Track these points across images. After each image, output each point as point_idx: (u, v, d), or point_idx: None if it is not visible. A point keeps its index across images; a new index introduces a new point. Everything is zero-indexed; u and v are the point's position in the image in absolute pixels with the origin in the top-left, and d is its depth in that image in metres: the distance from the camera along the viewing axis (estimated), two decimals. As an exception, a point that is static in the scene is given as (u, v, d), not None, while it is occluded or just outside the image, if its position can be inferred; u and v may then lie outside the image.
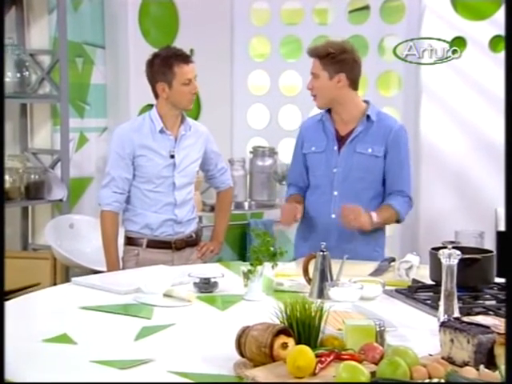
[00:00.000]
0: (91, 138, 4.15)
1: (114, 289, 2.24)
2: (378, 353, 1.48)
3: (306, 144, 2.81)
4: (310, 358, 1.43)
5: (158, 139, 2.77)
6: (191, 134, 2.85)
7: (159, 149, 2.77)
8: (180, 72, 2.71)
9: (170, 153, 2.77)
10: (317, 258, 2.20)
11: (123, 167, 2.77)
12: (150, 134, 2.78)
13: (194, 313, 2.05)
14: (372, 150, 2.72)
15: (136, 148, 2.76)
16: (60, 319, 1.95)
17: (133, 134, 2.78)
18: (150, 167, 2.77)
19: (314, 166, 2.79)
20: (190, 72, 2.74)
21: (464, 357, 1.47)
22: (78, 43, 4.04)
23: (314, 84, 2.71)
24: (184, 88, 2.73)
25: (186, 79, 2.72)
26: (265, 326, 1.55)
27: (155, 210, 2.80)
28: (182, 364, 1.59)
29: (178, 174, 2.81)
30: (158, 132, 2.78)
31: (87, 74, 4.11)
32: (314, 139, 2.79)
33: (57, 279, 3.84)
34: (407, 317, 1.97)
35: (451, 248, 1.77)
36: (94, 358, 1.61)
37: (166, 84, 2.74)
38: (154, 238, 2.81)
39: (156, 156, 2.77)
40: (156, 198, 2.80)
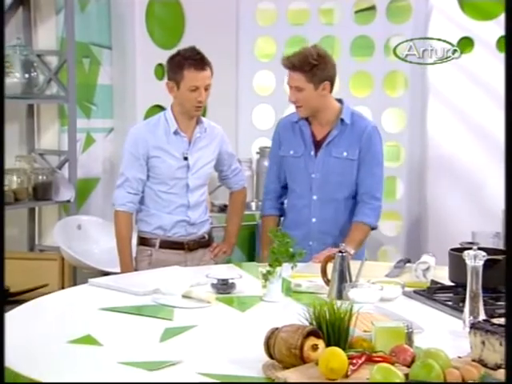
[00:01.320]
0: (98, 138, 4.14)
1: (131, 290, 2.24)
2: (409, 355, 1.48)
3: (284, 146, 2.85)
4: (343, 360, 1.43)
5: (172, 140, 2.76)
6: (206, 136, 2.83)
7: (173, 150, 2.76)
8: (188, 76, 2.68)
9: (183, 155, 2.76)
10: (336, 259, 2.20)
11: (137, 168, 2.76)
12: (164, 135, 2.77)
13: (215, 314, 2.05)
14: (347, 153, 2.78)
15: (150, 149, 2.75)
16: (81, 320, 1.95)
17: (147, 134, 2.77)
18: (164, 168, 2.76)
19: (292, 170, 2.84)
20: (198, 79, 2.68)
21: (496, 359, 1.47)
22: (84, 44, 4.03)
23: (299, 96, 2.72)
24: (190, 94, 2.69)
25: (193, 85, 2.68)
26: (294, 327, 1.55)
27: (169, 212, 2.79)
28: (211, 366, 1.59)
29: (192, 175, 2.80)
30: (173, 133, 2.77)
31: (94, 74, 4.10)
32: (292, 142, 2.83)
33: (65, 280, 3.83)
34: (429, 318, 1.97)
35: (476, 249, 1.77)
36: (122, 360, 1.61)
37: (175, 84, 2.72)
38: (166, 238, 2.80)
39: (169, 157, 2.76)
40: (169, 199, 2.79)
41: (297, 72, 2.69)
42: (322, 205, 2.79)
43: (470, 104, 4.06)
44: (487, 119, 4.05)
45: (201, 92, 2.69)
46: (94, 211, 4.08)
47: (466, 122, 4.06)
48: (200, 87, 2.68)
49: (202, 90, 2.69)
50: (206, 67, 2.70)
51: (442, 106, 4.11)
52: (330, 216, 2.80)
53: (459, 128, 4.07)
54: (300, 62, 2.68)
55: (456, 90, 4.08)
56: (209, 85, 2.72)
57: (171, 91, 2.75)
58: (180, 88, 2.70)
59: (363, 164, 2.79)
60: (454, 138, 4.08)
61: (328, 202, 2.79)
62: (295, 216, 2.84)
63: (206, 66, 2.70)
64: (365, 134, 2.79)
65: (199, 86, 2.68)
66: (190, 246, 2.82)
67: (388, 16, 4.33)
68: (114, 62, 4.16)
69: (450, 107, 4.09)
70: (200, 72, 2.68)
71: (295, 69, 2.69)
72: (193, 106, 2.72)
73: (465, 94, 4.06)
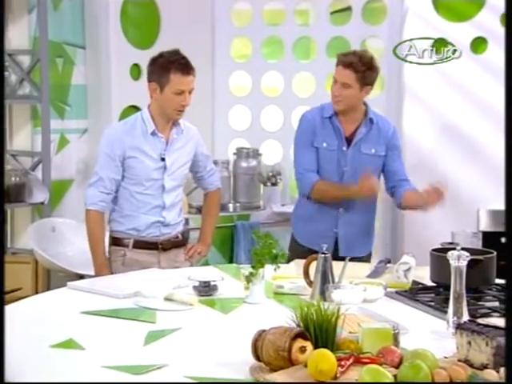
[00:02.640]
0: (72, 139, 4.10)
1: (111, 293, 2.22)
2: (396, 356, 1.50)
3: (317, 138, 2.95)
4: (331, 362, 1.43)
5: (149, 141, 2.75)
6: (182, 137, 2.83)
7: (150, 151, 2.74)
8: (174, 80, 2.66)
9: (160, 155, 2.74)
10: (318, 260, 2.21)
11: (112, 168, 2.73)
12: (141, 135, 2.74)
13: (198, 317, 2.04)
14: (375, 150, 2.95)
15: (127, 149, 2.72)
16: (63, 324, 1.93)
17: (124, 135, 2.75)
18: (140, 169, 2.74)
19: (325, 162, 2.95)
20: (184, 83, 2.67)
21: (483, 359, 1.49)
22: (58, 43, 3.99)
23: (344, 92, 2.87)
24: (174, 97, 2.68)
25: (179, 89, 2.66)
26: (282, 329, 1.55)
27: (144, 212, 2.77)
28: (197, 369, 1.58)
29: (168, 176, 2.78)
30: (150, 134, 2.75)
31: (67, 74, 4.06)
32: (325, 136, 2.95)
33: (38, 283, 3.78)
34: (412, 319, 1.99)
35: (459, 249, 1.79)
36: (106, 364, 1.59)
37: (159, 86, 2.71)
38: (140, 238, 2.78)
39: (147, 158, 2.74)
40: (145, 200, 2.77)
41: (350, 70, 2.83)
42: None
43: (445, 104, 4.12)
44: (462, 119, 4.11)
45: (185, 96, 2.69)
46: (68, 213, 4.03)
47: (442, 122, 4.12)
48: (185, 91, 2.68)
49: (187, 93, 2.69)
50: (191, 71, 2.69)
51: (418, 107, 4.16)
52: (357, 208, 2.94)
53: (435, 128, 4.12)
54: (356, 62, 2.84)
55: (431, 90, 4.13)
56: (192, 89, 2.72)
57: (153, 93, 2.73)
58: (164, 91, 2.68)
59: (393, 157, 2.99)
60: (429, 138, 4.14)
61: None
62: (323, 204, 2.94)
63: (191, 70, 2.70)
64: (390, 132, 3.00)
65: (184, 90, 2.68)
66: (163, 246, 2.80)
67: (363, 17, 4.37)
68: (88, 62, 4.12)
69: (426, 107, 4.15)
70: (186, 76, 2.67)
71: (349, 66, 2.84)
72: (175, 109, 2.71)
73: (440, 95, 4.12)
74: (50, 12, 3.86)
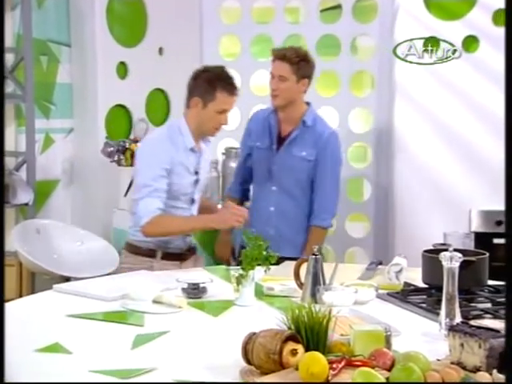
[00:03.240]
0: (57, 139, 4.08)
1: (99, 295, 2.22)
2: (388, 358, 1.50)
3: (253, 136, 3.11)
4: (323, 365, 1.44)
5: (188, 155, 2.75)
6: (207, 145, 2.90)
7: (189, 165, 2.76)
8: (220, 98, 2.66)
9: (195, 169, 2.77)
10: (309, 262, 2.21)
11: (162, 180, 2.67)
12: (182, 149, 2.73)
13: (187, 319, 2.04)
14: (306, 153, 3.01)
15: (172, 163, 2.69)
16: (48, 328, 1.92)
17: (170, 148, 2.70)
18: (179, 184, 2.73)
19: (257, 160, 3.10)
20: (229, 103, 2.70)
21: (475, 362, 1.50)
22: (42, 41, 3.97)
23: (281, 86, 2.97)
24: (216, 115, 2.69)
25: (222, 108, 2.68)
26: (272, 332, 1.56)
27: None
28: (187, 372, 1.58)
29: (197, 189, 2.83)
30: (189, 149, 2.75)
31: (52, 72, 4.04)
32: (260, 134, 3.08)
33: (23, 286, 3.76)
34: (404, 321, 2.00)
35: (452, 250, 1.80)
36: (93, 368, 1.59)
37: (202, 101, 2.69)
38: (167, 250, 2.77)
39: (186, 172, 2.75)
40: (177, 213, 2.75)
41: (284, 62, 2.93)
42: (279, 195, 3.05)
43: (437, 103, 4.13)
44: (454, 119, 4.13)
45: (226, 116, 2.71)
46: (53, 214, 4.02)
47: (433, 121, 4.13)
48: (227, 111, 2.70)
49: (227, 114, 2.71)
50: (236, 92, 2.72)
51: (409, 106, 4.17)
52: (289, 209, 3.05)
53: (426, 128, 4.13)
54: (290, 54, 2.95)
55: (423, 89, 4.15)
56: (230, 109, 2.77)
57: (194, 108, 2.71)
58: (207, 107, 2.68)
59: (318, 171, 3.03)
60: (421, 138, 4.15)
61: (284, 193, 3.05)
62: (256, 204, 3.10)
63: (236, 90, 2.72)
64: (322, 139, 3.01)
65: (227, 110, 2.70)
66: (185, 256, 2.83)
67: (354, 15, 4.38)
68: (73, 60, 4.10)
69: (417, 107, 4.16)
70: (232, 97, 2.70)
71: (284, 59, 2.93)
72: (214, 127, 2.73)
73: (431, 94, 4.13)
74: (34, 9, 3.84)
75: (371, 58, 4.39)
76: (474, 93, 4.08)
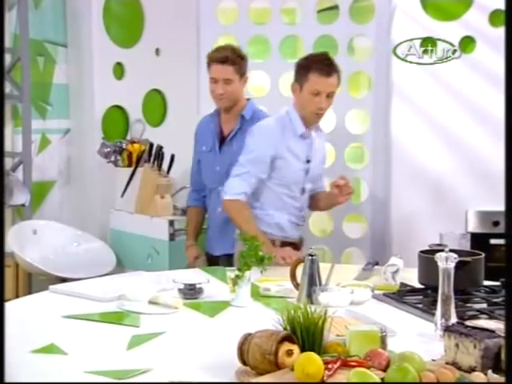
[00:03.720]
0: (54, 139, 4.08)
1: (95, 296, 2.22)
2: (384, 359, 1.50)
3: (198, 143, 3.14)
4: (318, 365, 1.44)
5: (298, 143, 2.78)
6: (320, 136, 2.90)
7: (299, 153, 2.78)
8: (312, 79, 2.70)
9: (306, 158, 2.78)
10: (305, 262, 2.22)
11: (260, 166, 2.74)
12: (292, 136, 2.78)
13: (183, 320, 2.04)
14: None
15: (279, 150, 2.75)
16: (44, 329, 1.92)
17: (278, 134, 2.76)
18: (288, 171, 2.78)
19: (204, 164, 3.11)
20: (321, 84, 2.69)
21: (470, 362, 1.50)
22: (39, 41, 3.97)
23: (227, 89, 2.97)
24: (311, 98, 2.71)
25: (315, 89, 2.70)
26: (268, 333, 1.56)
27: (287, 213, 2.83)
28: (183, 373, 1.58)
29: (307, 178, 2.84)
30: (299, 136, 2.77)
31: (49, 73, 4.05)
32: (204, 138, 3.11)
33: (19, 287, 3.77)
34: (400, 321, 2.00)
35: (448, 251, 1.80)
36: (88, 369, 1.59)
37: (298, 86, 2.75)
38: (284, 239, 2.82)
39: (295, 160, 2.78)
40: (289, 202, 2.82)
41: (227, 65, 2.94)
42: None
43: (434, 104, 4.14)
44: (451, 119, 4.13)
45: (323, 98, 2.70)
46: (50, 215, 4.02)
47: (430, 122, 4.14)
48: (323, 92, 2.69)
49: (324, 95, 2.70)
50: (331, 73, 2.72)
51: (406, 107, 4.18)
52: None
53: (423, 129, 4.14)
54: (231, 55, 2.95)
55: (419, 90, 4.15)
56: (332, 92, 2.75)
57: (294, 92, 2.78)
58: (303, 90, 2.73)
59: None
60: (418, 139, 4.15)
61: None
62: (209, 208, 3.14)
63: (332, 71, 2.73)
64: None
65: (322, 91, 2.69)
66: (298, 247, 2.86)
67: (351, 16, 4.38)
68: (70, 61, 4.10)
69: (414, 108, 4.16)
70: (325, 77, 2.70)
71: (226, 61, 2.93)
72: (311, 111, 2.74)
73: (428, 94, 4.14)
74: (30, 9, 3.85)
75: (368, 58, 4.39)
76: (471, 93, 4.09)
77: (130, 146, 3.92)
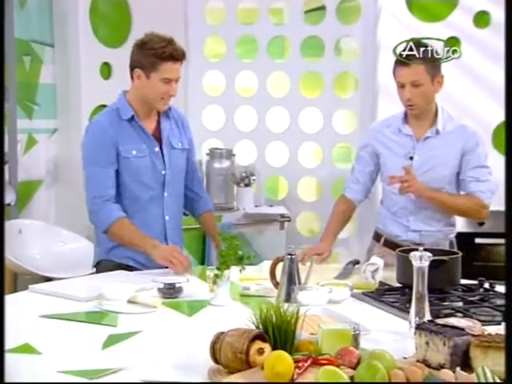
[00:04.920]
0: (40, 139, 4.07)
1: (74, 296, 2.21)
2: (354, 357, 1.50)
3: (123, 147, 2.61)
4: (288, 364, 1.44)
5: (399, 138, 2.72)
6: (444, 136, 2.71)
7: (399, 149, 2.71)
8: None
9: (409, 154, 2.68)
10: (284, 262, 2.22)
11: (362, 160, 2.81)
12: (390, 132, 2.75)
13: (161, 319, 2.03)
14: (181, 143, 2.74)
15: (376, 144, 2.76)
16: (20, 328, 1.90)
17: (379, 128, 2.81)
18: (388, 166, 2.72)
19: (139, 170, 2.64)
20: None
21: (440, 359, 1.51)
22: (25, 41, 3.95)
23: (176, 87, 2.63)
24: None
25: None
26: (240, 331, 1.56)
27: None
28: (155, 372, 1.58)
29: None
30: (399, 131, 2.73)
31: (35, 73, 4.03)
32: (131, 142, 2.62)
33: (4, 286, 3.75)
34: (376, 320, 2.00)
35: (422, 250, 1.81)
36: (61, 369, 1.58)
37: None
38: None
39: (394, 156, 2.72)
40: (393, 199, 2.76)
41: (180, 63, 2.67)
42: (172, 201, 2.72)
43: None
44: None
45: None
46: (37, 215, 4.00)
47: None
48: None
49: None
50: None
51: (393, 107, 4.17)
52: (179, 212, 2.81)
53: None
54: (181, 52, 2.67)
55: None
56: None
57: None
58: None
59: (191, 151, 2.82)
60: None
61: (176, 197, 2.75)
62: (145, 216, 2.67)
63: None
64: (185, 123, 2.79)
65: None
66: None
67: (338, 16, 4.39)
68: (56, 61, 4.09)
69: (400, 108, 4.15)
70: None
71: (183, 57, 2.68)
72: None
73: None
74: (16, 9, 3.83)
75: (355, 59, 4.40)
76: (456, 93, 4.10)
77: (117, 145, 3.91)
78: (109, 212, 2.60)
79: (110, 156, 2.60)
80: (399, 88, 2.67)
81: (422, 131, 2.70)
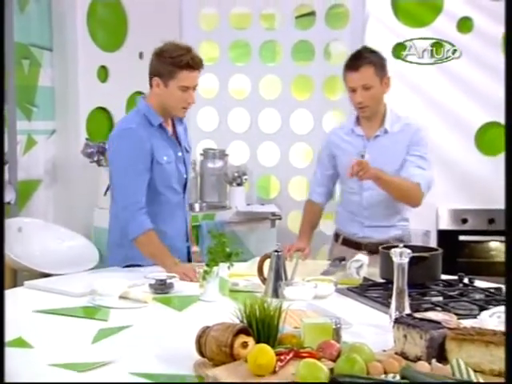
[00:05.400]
0: (40, 140, 4.06)
1: (68, 291, 2.21)
2: (335, 350, 1.50)
3: (157, 153, 2.57)
4: (270, 357, 1.43)
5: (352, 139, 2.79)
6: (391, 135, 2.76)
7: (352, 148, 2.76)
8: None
9: (360, 153, 2.68)
10: (272, 258, 2.22)
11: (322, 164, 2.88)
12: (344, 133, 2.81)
13: (151, 314, 2.03)
14: (189, 146, 2.78)
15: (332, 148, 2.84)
16: (14, 323, 1.89)
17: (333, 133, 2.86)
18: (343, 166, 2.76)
19: (170, 175, 2.62)
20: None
21: (417, 352, 1.51)
22: (24, 45, 3.94)
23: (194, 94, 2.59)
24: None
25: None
26: (225, 325, 1.55)
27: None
28: (143, 365, 1.57)
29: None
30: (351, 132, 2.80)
31: (34, 76, 4.02)
32: (162, 148, 2.60)
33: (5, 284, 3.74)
34: (360, 314, 2.00)
35: (402, 247, 1.80)
36: (52, 362, 1.58)
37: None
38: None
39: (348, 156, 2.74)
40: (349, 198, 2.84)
41: (198, 71, 2.58)
42: (186, 203, 2.78)
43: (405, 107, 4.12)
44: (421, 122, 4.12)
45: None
46: (36, 213, 3.99)
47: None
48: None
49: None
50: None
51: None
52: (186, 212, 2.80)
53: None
54: (200, 60, 2.59)
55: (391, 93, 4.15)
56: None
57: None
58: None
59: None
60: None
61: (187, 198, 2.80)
62: (174, 220, 2.69)
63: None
64: (186, 125, 2.78)
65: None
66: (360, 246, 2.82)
67: (327, 21, 4.39)
68: (55, 64, 4.08)
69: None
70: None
71: (201, 66, 2.59)
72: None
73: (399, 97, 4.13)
74: (16, 14, 3.82)
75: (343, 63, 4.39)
76: (441, 97, 4.11)
77: (113, 146, 3.90)
78: (140, 222, 2.52)
79: (146, 163, 2.54)
80: (350, 92, 2.72)
81: (373, 131, 2.77)
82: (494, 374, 1.41)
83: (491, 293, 2.11)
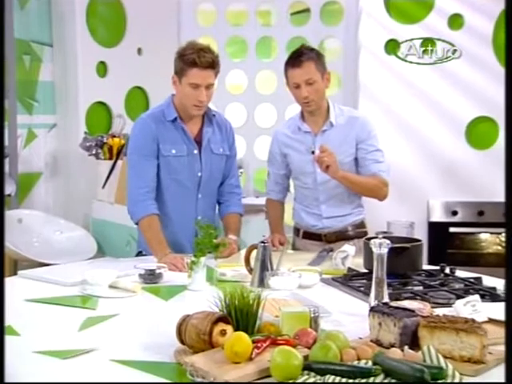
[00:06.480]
0: (40, 134, 4.07)
1: (59, 281, 2.21)
2: (311, 337, 1.50)
3: (163, 145, 2.61)
4: (246, 344, 1.43)
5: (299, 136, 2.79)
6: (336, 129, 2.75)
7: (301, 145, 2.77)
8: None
9: (310, 149, 2.72)
10: (258, 249, 2.21)
11: (275, 164, 2.87)
12: (291, 132, 2.80)
13: (139, 303, 2.03)
14: (223, 149, 2.75)
15: (282, 146, 2.83)
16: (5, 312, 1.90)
17: (281, 132, 2.84)
18: (295, 163, 2.79)
19: (177, 169, 2.64)
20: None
21: (390, 339, 1.50)
22: (25, 41, 3.95)
23: (209, 93, 2.59)
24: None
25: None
26: (204, 314, 1.55)
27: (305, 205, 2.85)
28: (124, 353, 1.57)
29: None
30: (298, 130, 2.79)
31: (35, 71, 4.03)
32: (172, 142, 2.62)
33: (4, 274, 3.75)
34: (342, 303, 1.99)
35: (381, 238, 1.80)
36: (37, 349, 1.58)
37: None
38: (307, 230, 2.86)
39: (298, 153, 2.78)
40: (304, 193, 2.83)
41: (210, 69, 2.56)
42: (205, 202, 2.71)
43: (397, 102, 4.14)
44: (414, 117, 4.13)
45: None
46: (36, 205, 4.01)
47: (394, 119, 4.14)
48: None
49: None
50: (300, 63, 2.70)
51: (372, 104, 4.17)
52: (211, 212, 2.77)
53: (387, 125, 4.13)
54: (213, 59, 2.58)
55: (384, 89, 4.15)
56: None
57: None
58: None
59: (231, 157, 2.81)
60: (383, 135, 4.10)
61: (209, 198, 2.74)
62: (180, 213, 2.68)
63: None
64: (228, 129, 2.79)
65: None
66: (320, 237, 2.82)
67: (321, 18, 4.37)
68: (55, 59, 4.08)
69: (379, 105, 4.16)
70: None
71: (210, 66, 2.56)
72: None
73: (392, 93, 4.14)
74: (16, 10, 3.82)
75: (337, 58, 4.38)
76: (433, 92, 4.09)
77: (111, 139, 3.90)
78: (146, 206, 2.57)
79: (151, 149, 2.60)
80: (294, 89, 2.70)
81: (319, 126, 2.76)
82: (464, 360, 1.41)
83: (470, 282, 2.11)
